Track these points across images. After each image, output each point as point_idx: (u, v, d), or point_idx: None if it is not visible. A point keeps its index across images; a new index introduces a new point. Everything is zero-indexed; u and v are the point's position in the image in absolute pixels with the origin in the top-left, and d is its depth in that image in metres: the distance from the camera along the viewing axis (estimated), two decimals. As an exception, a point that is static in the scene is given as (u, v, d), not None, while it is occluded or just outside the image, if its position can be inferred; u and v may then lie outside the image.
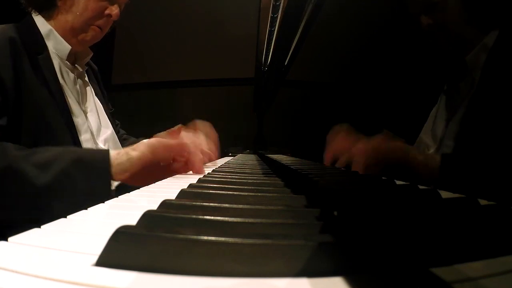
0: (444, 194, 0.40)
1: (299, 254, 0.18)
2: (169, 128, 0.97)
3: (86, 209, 0.33)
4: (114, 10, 0.91)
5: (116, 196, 0.41)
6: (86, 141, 0.87)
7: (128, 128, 1.23)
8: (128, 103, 2.36)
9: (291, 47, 0.88)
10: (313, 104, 2.22)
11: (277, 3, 0.71)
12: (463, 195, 0.39)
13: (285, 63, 1.03)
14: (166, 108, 2.43)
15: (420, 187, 0.46)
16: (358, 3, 2.00)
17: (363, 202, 0.36)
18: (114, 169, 0.66)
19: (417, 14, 0.88)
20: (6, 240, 0.22)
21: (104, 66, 1.14)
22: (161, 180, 0.60)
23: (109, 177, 0.65)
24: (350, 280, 0.17)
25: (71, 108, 0.86)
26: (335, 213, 0.29)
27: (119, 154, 0.67)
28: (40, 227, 0.25)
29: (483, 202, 0.34)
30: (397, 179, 0.56)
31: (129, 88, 2.47)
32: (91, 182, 0.64)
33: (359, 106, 2.05)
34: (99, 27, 0.92)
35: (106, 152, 0.67)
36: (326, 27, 1.83)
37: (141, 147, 0.68)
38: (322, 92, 2.24)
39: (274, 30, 0.83)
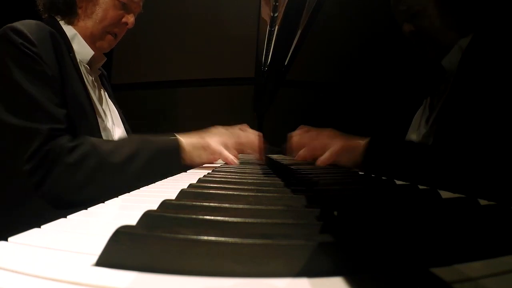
0: (444, 194, 0.40)
1: (299, 254, 0.18)
2: (168, 127, 1.00)
3: (86, 209, 0.33)
4: (130, 19, 0.97)
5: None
6: (103, 137, 0.92)
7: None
8: (128, 102, 2.36)
9: (291, 47, 0.88)
10: (313, 104, 2.22)
11: (277, 3, 0.71)
12: (463, 195, 0.39)
13: (285, 63, 1.03)
14: (166, 108, 2.43)
15: (420, 187, 0.46)
16: (358, 3, 2.00)
17: (363, 202, 0.36)
18: (183, 159, 0.82)
19: (401, 22, 0.92)
20: (6, 240, 0.22)
21: (104, 65, 1.16)
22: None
23: (181, 164, 0.81)
24: (350, 280, 0.17)
25: (94, 105, 0.91)
26: (335, 213, 0.29)
27: (192, 148, 0.82)
28: (40, 227, 0.25)
29: (483, 202, 0.34)
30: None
31: (129, 88, 2.46)
32: (169, 167, 0.78)
33: (357, 107, 2.05)
34: (114, 34, 0.97)
35: (177, 144, 0.82)
36: (326, 27, 1.83)
37: (208, 149, 0.83)
38: (322, 92, 2.24)
39: (274, 30, 0.83)
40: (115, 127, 1.02)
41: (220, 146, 0.85)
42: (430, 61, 0.93)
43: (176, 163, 0.81)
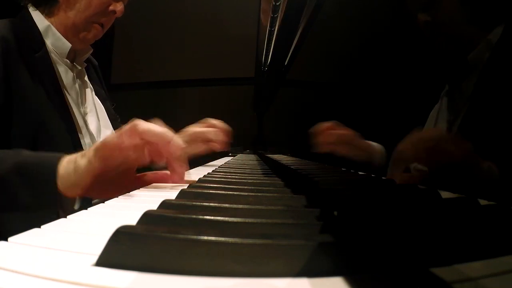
0: (444, 194, 0.40)
1: (299, 254, 0.18)
2: (168, 127, 0.96)
3: (86, 209, 0.33)
4: (119, 6, 0.87)
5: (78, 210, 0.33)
6: (87, 143, 0.85)
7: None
8: (127, 102, 2.36)
9: (291, 47, 0.88)
10: (313, 104, 2.22)
11: (277, 3, 0.71)
12: (463, 195, 0.39)
13: (285, 63, 1.04)
14: (166, 108, 2.43)
15: (420, 187, 0.46)
16: (358, 3, 2.00)
17: (363, 202, 0.36)
18: (61, 183, 0.50)
19: (415, 12, 0.87)
20: (6, 240, 0.22)
21: (103, 65, 1.13)
22: (134, 189, 0.47)
23: (55, 193, 0.50)
24: (350, 280, 0.17)
25: (71, 109, 0.83)
26: (335, 213, 0.29)
27: (68, 163, 0.52)
28: (40, 227, 0.25)
29: (483, 202, 0.34)
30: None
31: (128, 88, 2.46)
32: (35, 195, 0.50)
33: (359, 107, 2.05)
34: (101, 24, 0.88)
35: (55, 160, 0.52)
36: (326, 27, 1.83)
37: (89, 153, 0.51)
38: (322, 92, 2.24)
39: (274, 30, 0.83)
40: (101, 128, 0.93)
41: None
42: (446, 55, 0.87)
43: (47, 192, 0.50)
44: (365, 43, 2.05)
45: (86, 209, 0.33)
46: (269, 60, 1.06)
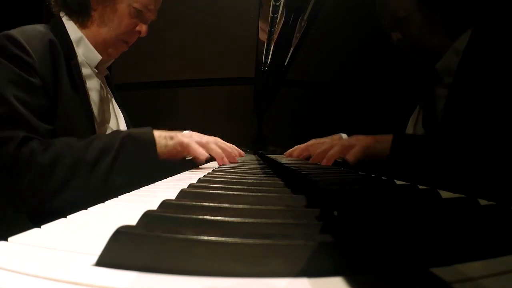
0: (444, 194, 0.40)
1: (299, 254, 0.18)
2: (168, 127, 0.98)
3: (86, 209, 0.33)
4: (144, 28, 0.96)
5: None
6: None
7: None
8: (128, 103, 2.36)
9: (291, 47, 0.88)
10: (313, 104, 2.22)
11: (277, 3, 0.71)
12: (463, 195, 0.39)
13: (285, 63, 1.04)
14: (166, 108, 2.42)
15: (420, 187, 0.46)
16: (358, 3, 2.00)
17: (363, 202, 0.36)
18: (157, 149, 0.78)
19: (388, 30, 0.92)
20: (6, 240, 0.22)
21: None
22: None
23: (154, 152, 0.78)
24: (350, 280, 0.17)
25: (94, 116, 0.88)
26: (335, 213, 0.29)
27: (160, 138, 0.79)
28: (40, 227, 0.25)
29: (483, 202, 0.34)
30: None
31: (129, 88, 2.46)
32: (142, 156, 0.77)
33: (357, 107, 2.05)
34: (126, 42, 0.95)
35: (149, 129, 0.80)
36: (326, 27, 1.83)
37: (176, 140, 0.80)
38: (322, 92, 2.24)
39: (274, 30, 0.83)
40: None
41: (189, 139, 0.81)
42: (421, 66, 0.92)
43: (148, 149, 0.77)
44: (366, 42, 2.05)
45: (86, 209, 0.33)
46: (269, 60, 1.06)
